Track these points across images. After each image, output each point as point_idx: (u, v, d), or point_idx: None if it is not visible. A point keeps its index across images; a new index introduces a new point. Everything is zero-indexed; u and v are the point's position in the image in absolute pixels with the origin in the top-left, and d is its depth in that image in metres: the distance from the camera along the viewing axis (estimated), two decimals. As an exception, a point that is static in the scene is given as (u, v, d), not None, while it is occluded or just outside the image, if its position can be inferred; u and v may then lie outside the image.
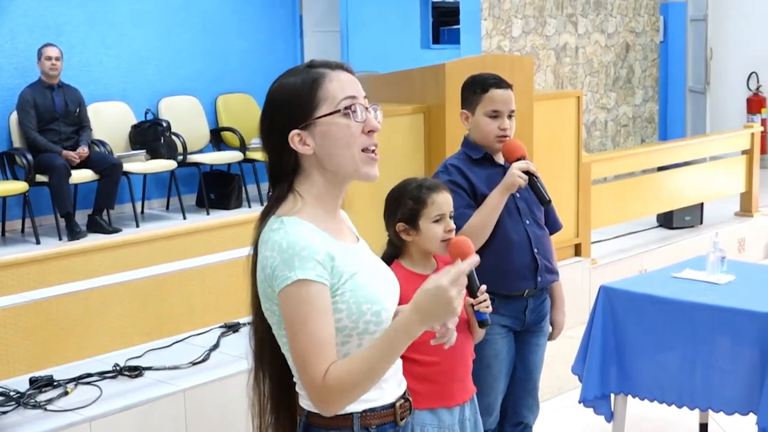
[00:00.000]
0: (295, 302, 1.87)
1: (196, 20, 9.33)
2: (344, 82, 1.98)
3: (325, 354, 1.88)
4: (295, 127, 1.95)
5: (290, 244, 1.89)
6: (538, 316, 3.43)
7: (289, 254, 1.88)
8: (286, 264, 1.87)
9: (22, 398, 3.92)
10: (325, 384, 1.87)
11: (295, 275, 1.87)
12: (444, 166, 3.36)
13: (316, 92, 1.95)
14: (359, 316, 1.93)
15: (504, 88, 3.33)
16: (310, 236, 1.91)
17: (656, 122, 10.35)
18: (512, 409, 3.46)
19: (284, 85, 1.99)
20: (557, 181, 5.94)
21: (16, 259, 3.85)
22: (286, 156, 1.97)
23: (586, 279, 6.08)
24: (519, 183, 3.20)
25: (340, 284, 1.92)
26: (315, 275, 1.87)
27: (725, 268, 4.10)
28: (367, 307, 1.94)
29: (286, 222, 1.93)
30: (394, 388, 2.06)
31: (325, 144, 1.96)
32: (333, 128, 1.95)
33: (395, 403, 2.05)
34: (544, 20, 8.90)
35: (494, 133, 3.31)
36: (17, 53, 8.15)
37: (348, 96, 1.97)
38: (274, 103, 2.00)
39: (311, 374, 1.87)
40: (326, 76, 1.97)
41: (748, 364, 3.63)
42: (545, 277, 3.41)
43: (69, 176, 7.65)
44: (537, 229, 3.40)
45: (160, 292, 4.26)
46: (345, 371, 1.87)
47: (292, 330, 1.89)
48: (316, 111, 1.95)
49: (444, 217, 2.86)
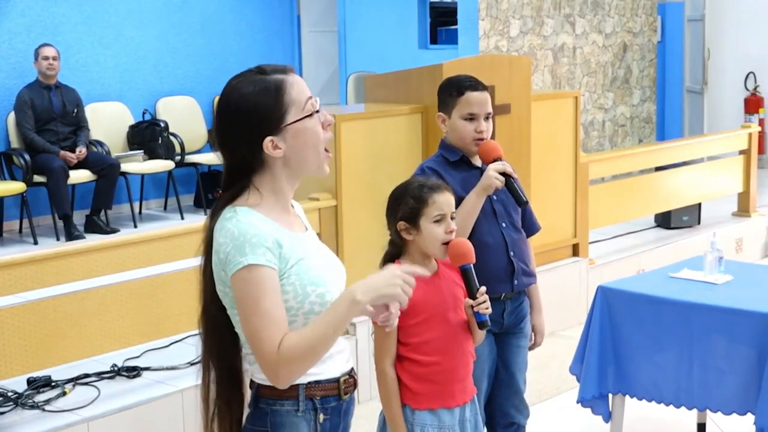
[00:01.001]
0: (246, 285, 2.02)
1: (194, 20, 9.33)
2: (301, 85, 2.13)
3: (277, 328, 2.01)
4: (269, 135, 2.08)
5: (241, 232, 2.04)
6: (517, 318, 3.42)
7: (241, 241, 2.03)
8: (238, 250, 2.03)
9: (20, 399, 3.92)
10: (279, 355, 2.00)
11: (246, 260, 2.02)
12: (420, 169, 3.34)
13: (282, 99, 2.09)
14: (304, 297, 2.08)
15: (480, 91, 3.33)
16: (259, 225, 2.06)
17: (654, 122, 10.35)
18: (499, 410, 3.46)
19: (247, 96, 2.09)
20: (555, 182, 5.94)
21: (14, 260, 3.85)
22: (256, 159, 2.11)
23: (583, 279, 6.08)
24: (496, 184, 3.19)
25: (287, 269, 2.07)
26: (264, 260, 2.03)
27: (723, 268, 4.10)
28: (311, 289, 2.08)
29: (238, 211, 2.09)
30: (340, 364, 2.20)
31: (297, 145, 2.11)
32: (302, 131, 2.11)
33: (339, 378, 2.18)
34: (541, 20, 8.91)
35: (471, 135, 3.30)
36: (14, 53, 8.15)
37: (307, 98, 2.12)
38: (240, 113, 2.09)
39: (265, 349, 2.01)
40: (286, 82, 2.10)
41: (746, 364, 3.64)
42: (522, 280, 3.40)
43: (67, 178, 7.64)
44: (513, 232, 3.39)
45: (158, 292, 4.25)
46: (296, 340, 2.01)
47: (244, 311, 2.04)
48: (286, 117, 2.09)
49: (445, 217, 2.86)
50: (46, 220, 7.94)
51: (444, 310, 2.87)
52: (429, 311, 2.85)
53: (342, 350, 2.22)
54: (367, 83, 5.49)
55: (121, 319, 4.17)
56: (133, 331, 4.21)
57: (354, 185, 4.76)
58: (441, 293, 2.89)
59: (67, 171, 7.66)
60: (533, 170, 5.48)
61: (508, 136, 5.15)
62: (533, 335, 3.51)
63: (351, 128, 4.78)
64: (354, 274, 5.03)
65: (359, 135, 4.82)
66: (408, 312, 2.85)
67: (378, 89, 5.34)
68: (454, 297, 2.90)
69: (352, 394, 2.23)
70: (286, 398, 2.12)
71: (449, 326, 2.86)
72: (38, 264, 3.87)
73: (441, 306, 2.87)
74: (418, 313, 2.83)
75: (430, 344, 2.85)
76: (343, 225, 4.77)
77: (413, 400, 2.86)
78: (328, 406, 2.16)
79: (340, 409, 2.19)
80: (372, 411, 3.23)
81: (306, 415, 2.13)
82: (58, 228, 7.68)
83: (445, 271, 2.93)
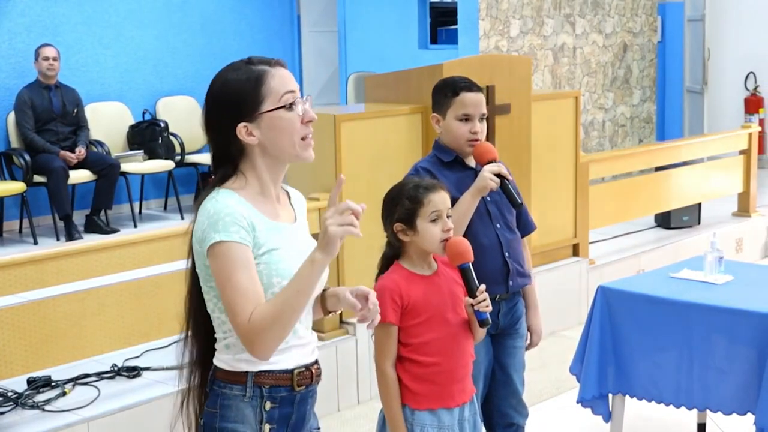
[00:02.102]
0: (220, 259, 2.11)
1: (194, 20, 9.33)
2: (284, 78, 2.21)
3: (250, 300, 2.09)
4: (243, 121, 2.18)
5: (216, 210, 2.13)
6: (512, 319, 3.42)
7: (215, 219, 2.12)
8: (212, 227, 2.12)
9: (20, 399, 3.92)
10: (250, 325, 2.07)
11: (218, 236, 2.11)
12: (414, 169, 3.33)
13: (260, 88, 2.18)
14: (268, 287, 2.14)
15: (475, 92, 3.32)
16: (236, 206, 2.14)
17: (654, 122, 10.35)
18: (498, 411, 3.45)
19: (229, 82, 2.20)
20: (555, 182, 5.94)
21: (14, 260, 3.85)
22: (234, 145, 2.20)
23: (584, 279, 6.08)
24: (491, 186, 3.18)
25: (257, 254, 2.14)
26: (238, 237, 2.11)
27: (723, 268, 4.10)
28: (276, 281, 2.14)
29: (220, 192, 2.18)
30: (297, 357, 2.23)
31: (270, 135, 2.19)
32: (277, 121, 2.18)
33: (294, 369, 2.22)
34: (541, 20, 8.91)
35: (465, 136, 3.29)
36: (15, 53, 8.15)
37: (288, 91, 2.19)
38: (221, 98, 2.21)
39: (238, 321, 2.09)
40: (268, 73, 2.20)
41: (746, 364, 3.64)
42: (517, 281, 3.39)
43: (67, 179, 7.64)
44: (508, 233, 3.38)
45: (157, 292, 4.25)
46: (264, 309, 2.08)
47: (220, 284, 2.12)
48: (262, 106, 2.18)
49: (441, 216, 2.86)
50: (46, 220, 7.94)
51: (444, 310, 2.87)
52: (430, 311, 2.85)
53: (305, 344, 2.26)
54: (367, 83, 5.49)
55: (121, 319, 4.17)
56: (133, 331, 4.21)
57: (354, 185, 4.76)
58: (441, 293, 2.89)
59: (67, 171, 7.66)
60: (533, 170, 5.48)
61: (508, 136, 5.15)
62: (529, 335, 3.51)
63: (351, 128, 4.78)
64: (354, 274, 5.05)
65: (359, 135, 4.82)
66: (409, 312, 2.86)
67: (378, 89, 5.34)
68: (454, 296, 2.90)
69: (310, 386, 2.26)
70: (234, 383, 2.19)
71: (449, 326, 2.87)
72: (38, 264, 3.87)
73: (441, 306, 2.87)
74: (420, 313, 2.84)
75: (431, 345, 2.85)
76: (343, 225, 4.76)
77: (413, 401, 2.86)
78: (277, 395, 2.20)
79: (293, 399, 2.23)
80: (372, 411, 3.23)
81: (252, 402, 2.19)
82: (58, 228, 7.68)
83: (445, 270, 2.94)
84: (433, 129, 3.53)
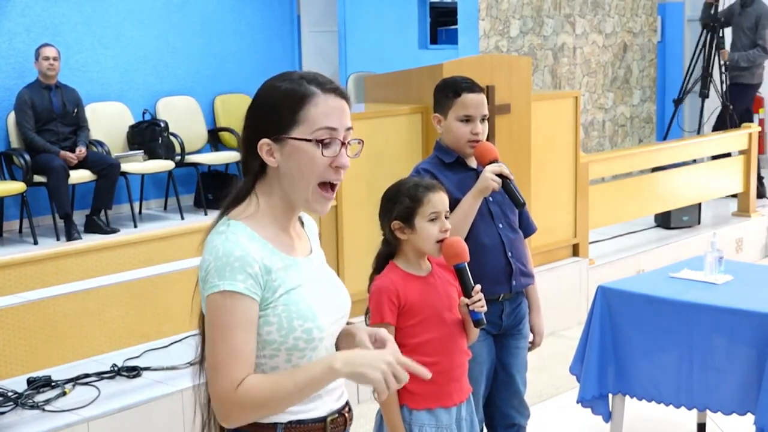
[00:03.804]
0: (218, 311, 1.87)
1: (194, 20, 9.33)
2: (330, 109, 1.94)
3: (241, 366, 1.87)
4: (268, 137, 1.93)
5: (226, 252, 1.88)
6: (515, 319, 3.42)
7: (223, 262, 1.88)
8: (218, 272, 1.87)
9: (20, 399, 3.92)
10: (235, 395, 1.85)
11: (223, 285, 1.87)
12: (416, 170, 3.32)
13: (298, 111, 1.92)
14: (289, 331, 1.91)
15: (476, 92, 3.31)
16: (248, 246, 1.90)
17: (654, 122, 10.35)
18: (499, 411, 3.45)
19: (272, 90, 1.96)
20: (555, 182, 5.94)
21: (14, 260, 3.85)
22: (254, 157, 1.97)
23: (584, 279, 6.08)
24: (493, 186, 3.18)
25: (274, 298, 1.91)
26: (243, 288, 1.87)
27: (723, 268, 4.10)
28: (298, 324, 1.91)
29: (231, 226, 1.93)
30: (331, 402, 2.03)
31: (289, 164, 1.93)
32: (300, 153, 1.92)
33: (327, 417, 2.01)
34: (541, 20, 8.91)
35: (466, 137, 3.29)
36: (15, 53, 8.15)
37: (326, 127, 1.93)
38: (258, 104, 1.97)
39: (223, 384, 1.86)
40: (314, 98, 1.93)
41: (746, 364, 3.64)
42: (520, 281, 3.39)
43: (68, 178, 7.64)
44: (510, 233, 3.38)
45: (158, 292, 4.26)
46: (258, 386, 1.86)
47: (211, 338, 1.89)
48: (292, 130, 1.92)
49: (439, 216, 2.87)
50: (46, 220, 7.94)
51: (440, 310, 2.88)
52: (426, 312, 2.85)
53: (336, 387, 2.04)
54: (367, 83, 5.49)
55: (121, 319, 4.18)
56: (133, 331, 4.21)
57: (354, 185, 4.76)
58: (437, 293, 2.89)
59: (68, 171, 7.66)
60: (533, 170, 5.48)
61: (508, 136, 5.15)
62: (532, 335, 3.51)
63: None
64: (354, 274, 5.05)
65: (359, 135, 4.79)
66: (406, 313, 2.86)
67: (378, 89, 5.34)
68: (449, 297, 2.90)
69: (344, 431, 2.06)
70: None
71: (446, 326, 2.87)
72: (38, 264, 3.88)
73: (438, 306, 2.88)
74: (416, 314, 2.84)
75: (428, 345, 2.85)
76: (343, 225, 4.77)
77: (411, 400, 2.86)
78: None
79: None
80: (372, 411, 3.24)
81: None
82: (58, 228, 7.68)
83: (439, 271, 2.94)
84: (433, 129, 3.53)
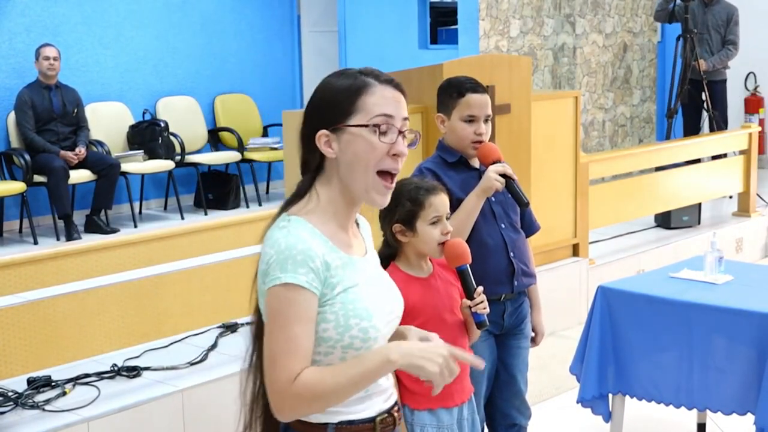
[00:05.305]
0: (279, 303, 1.88)
1: (194, 20, 9.33)
2: (386, 99, 1.97)
3: (299, 358, 1.88)
4: (326, 128, 1.96)
5: (288, 246, 1.90)
6: (517, 319, 3.41)
7: (285, 256, 1.89)
8: (280, 265, 1.89)
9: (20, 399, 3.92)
10: (291, 389, 1.87)
11: (285, 277, 1.88)
12: (419, 170, 3.32)
13: (355, 100, 1.96)
14: (346, 329, 1.93)
15: (480, 93, 3.31)
16: (310, 240, 1.91)
17: (654, 122, 10.35)
18: (500, 411, 3.45)
19: (329, 84, 2.01)
20: (555, 182, 5.94)
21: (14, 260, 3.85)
22: (311, 153, 1.99)
23: (584, 279, 6.08)
24: (496, 186, 3.18)
25: (332, 295, 1.93)
26: (305, 281, 1.89)
27: (723, 268, 4.10)
28: (355, 322, 1.93)
29: (292, 221, 1.95)
30: (379, 403, 2.05)
31: (347, 153, 1.96)
32: (358, 141, 1.95)
33: (376, 417, 2.03)
34: (541, 20, 8.91)
35: (470, 137, 3.29)
36: (15, 53, 8.15)
37: (383, 114, 1.96)
38: (316, 100, 2.01)
39: (279, 376, 1.87)
40: (371, 87, 1.97)
41: (746, 364, 3.64)
42: (522, 281, 3.39)
43: (67, 178, 7.65)
44: (512, 233, 3.38)
45: (158, 292, 4.26)
46: (315, 379, 1.87)
47: (270, 330, 1.90)
48: (349, 118, 1.95)
49: (441, 219, 2.87)
50: (46, 220, 7.94)
51: (441, 312, 2.88)
52: (428, 313, 2.85)
53: (384, 389, 2.06)
54: (367, 83, 5.48)
55: (121, 319, 4.18)
56: (133, 331, 4.21)
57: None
58: (438, 294, 2.89)
59: (68, 171, 7.67)
60: (533, 170, 5.48)
61: (508, 136, 5.15)
62: (534, 335, 3.51)
63: (351, 128, 4.77)
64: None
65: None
66: (408, 314, 2.85)
67: (378, 89, 5.33)
68: (450, 298, 2.90)
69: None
70: None
71: (447, 327, 2.87)
72: (38, 264, 3.87)
73: (439, 307, 2.88)
74: (418, 315, 2.83)
75: None
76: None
77: (412, 401, 2.86)
78: None
79: None
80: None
81: None
82: (58, 228, 7.68)
83: (441, 272, 2.94)
84: (433, 128, 3.53)
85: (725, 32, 8.51)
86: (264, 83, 9.84)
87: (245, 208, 8.97)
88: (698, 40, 8.30)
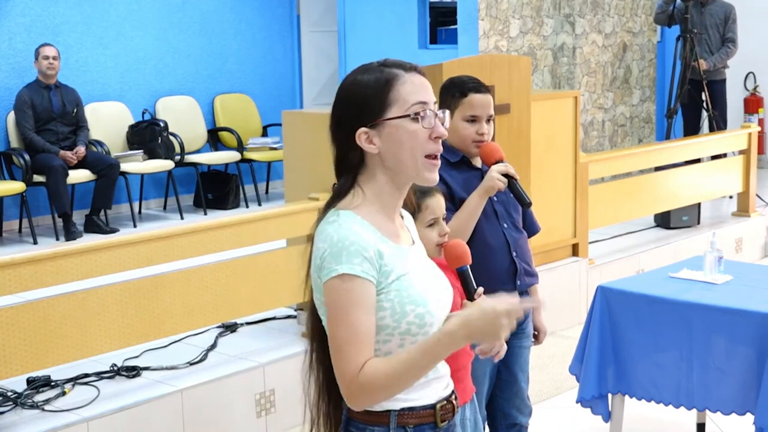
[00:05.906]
0: (338, 294, 1.92)
1: (194, 20, 9.33)
2: (417, 86, 2.02)
3: (363, 348, 1.91)
4: (364, 125, 1.99)
5: (341, 238, 1.94)
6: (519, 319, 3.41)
7: (339, 248, 1.92)
8: (334, 257, 1.92)
9: (20, 398, 3.92)
10: (358, 379, 1.90)
11: (341, 268, 1.91)
12: None
13: (388, 93, 2.00)
14: (402, 316, 1.96)
15: (483, 93, 3.31)
16: (361, 232, 1.95)
17: (654, 122, 10.35)
18: (501, 411, 3.45)
19: (357, 82, 2.03)
20: (555, 182, 5.94)
21: (13, 260, 3.85)
22: (352, 151, 2.02)
23: (583, 279, 6.08)
24: (498, 186, 3.17)
25: (387, 283, 1.96)
26: (360, 270, 1.92)
27: (722, 268, 4.10)
28: (410, 308, 1.96)
29: (341, 215, 1.99)
30: (438, 390, 2.08)
31: (391, 146, 2.00)
32: (400, 131, 1.99)
33: (436, 404, 2.06)
34: (541, 20, 8.91)
35: (472, 137, 3.29)
36: (14, 53, 8.15)
37: (419, 101, 2.00)
38: (346, 98, 2.04)
39: (346, 367, 1.91)
40: (399, 78, 2.01)
41: (745, 364, 3.64)
42: (524, 281, 3.39)
43: (66, 177, 7.64)
44: (515, 232, 3.38)
45: (157, 292, 4.26)
46: (381, 370, 1.91)
47: (333, 321, 1.93)
48: (386, 112, 1.99)
49: (438, 221, 2.87)
50: (45, 220, 7.94)
51: (441, 312, 2.87)
52: (428, 313, 2.85)
53: (441, 376, 2.10)
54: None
55: (121, 319, 4.17)
56: (132, 331, 4.21)
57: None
58: (438, 295, 2.89)
59: (67, 170, 7.67)
60: (533, 170, 5.48)
61: (507, 136, 5.15)
62: (536, 333, 3.52)
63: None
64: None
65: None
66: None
67: (378, 89, 5.33)
68: (451, 298, 2.90)
69: (451, 420, 2.11)
70: (376, 424, 2.01)
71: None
72: (38, 264, 3.87)
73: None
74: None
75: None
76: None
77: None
78: None
79: None
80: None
81: None
82: (57, 228, 7.68)
83: (440, 272, 2.94)
84: (432, 129, 3.52)
85: (724, 30, 8.51)
86: (264, 83, 9.84)
87: (245, 208, 8.97)
88: (697, 40, 8.30)
